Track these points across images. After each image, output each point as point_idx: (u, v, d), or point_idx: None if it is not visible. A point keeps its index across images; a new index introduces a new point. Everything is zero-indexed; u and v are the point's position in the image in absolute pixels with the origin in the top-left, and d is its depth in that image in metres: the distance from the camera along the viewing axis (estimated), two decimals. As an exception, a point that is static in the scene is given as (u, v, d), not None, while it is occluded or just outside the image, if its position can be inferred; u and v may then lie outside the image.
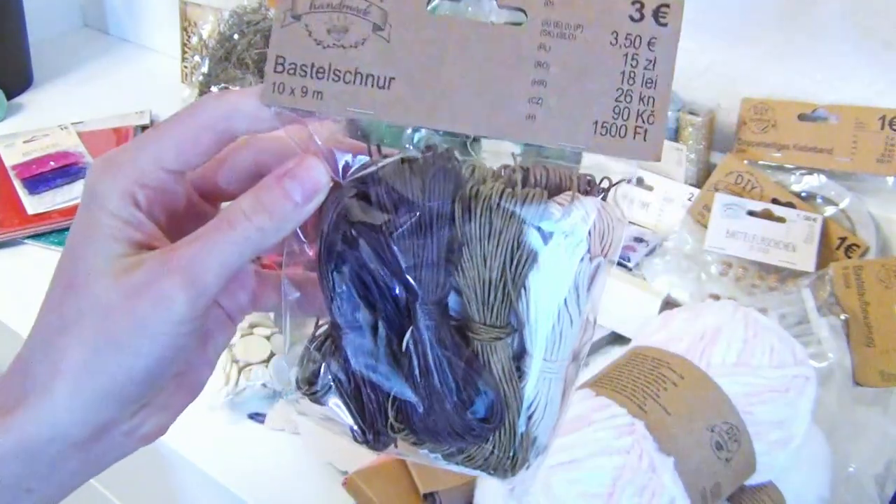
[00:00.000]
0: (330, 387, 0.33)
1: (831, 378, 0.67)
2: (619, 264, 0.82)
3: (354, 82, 0.30)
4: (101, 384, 0.31)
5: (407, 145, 0.32)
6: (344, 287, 0.32)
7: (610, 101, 0.29)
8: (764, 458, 0.51)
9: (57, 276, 0.32)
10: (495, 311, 0.31)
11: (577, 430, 0.48)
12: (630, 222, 0.90)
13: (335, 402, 0.33)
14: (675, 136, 0.87)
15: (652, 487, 0.46)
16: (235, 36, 1.17)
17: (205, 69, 1.18)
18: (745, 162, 0.84)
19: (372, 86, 0.30)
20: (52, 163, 1.09)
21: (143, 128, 1.20)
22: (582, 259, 0.31)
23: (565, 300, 0.31)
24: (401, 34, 0.30)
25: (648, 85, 0.29)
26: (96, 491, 1.02)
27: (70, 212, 1.00)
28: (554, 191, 0.32)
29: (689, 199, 0.86)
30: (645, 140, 0.29)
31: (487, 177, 0.32)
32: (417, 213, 0.30)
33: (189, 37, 1.27)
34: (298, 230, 0.33)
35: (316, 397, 0.33)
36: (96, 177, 0.32)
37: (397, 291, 0.31)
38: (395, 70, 0.30)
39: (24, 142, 1.14)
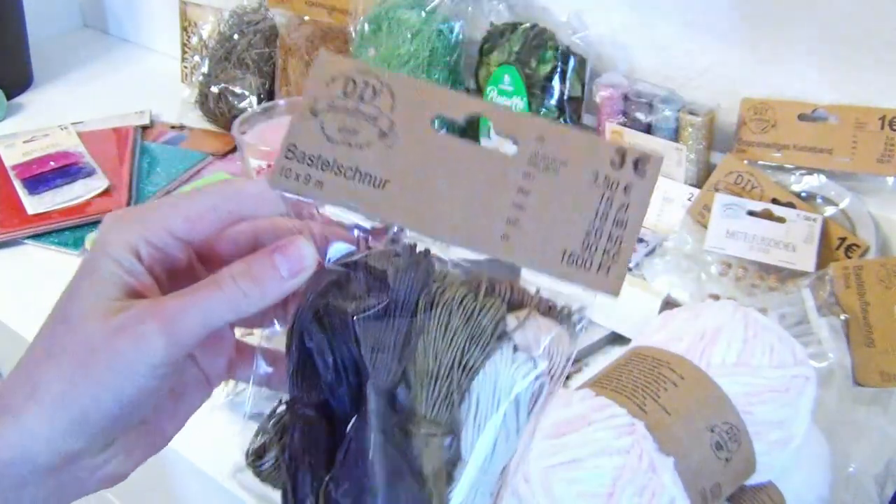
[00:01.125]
0: (274, 464, 0.35)
1: (831, 378, 0.67)
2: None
3: (354, 178, 0.32)
4: (73, 414, 0.32)
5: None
6: (305, 364, 0.34)
7: (581, 235, 0.31)
8: (764, 458, 0.51)
9: (54, 309, 0.35)
10: (437, 406, 0.32)
11: (577, 430, 0.48)
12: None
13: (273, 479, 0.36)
14: (675, 136, 0.87)
15: (652, 487, 0.46)
16: (235, 36, 1.17)
17: (205, 69, 1.18)
18: (745, 162, 0.84)
19: (368, 184, 0.32)
20: (52, 163, 1.09)
21: (144, 128, 1.20)
22: (526, 375, 0.32)
23: (505, 413, 0.32)
24: (403, 143, 0.32)
25: (619, 226, 0.31)
26: (96, 491, 1.02)
27: (70, 212, 1.00)
28: (515, 306, 0.34)
29: (689, 199, 0.86)
30: (607, 275, 0.31)
31: (456, 283, 0.34)
32: (385, 299, 0.33)
33: (189, 37, 1.27)
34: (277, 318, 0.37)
35: (259, 471, 0.36)
36: (107, 227, 0.35)
37: (352, 378, 0.33)
38: (392, 174, 0.32)
39: (24, 142, 1.14)
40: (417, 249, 0.34)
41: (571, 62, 0.91)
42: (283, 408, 0.37)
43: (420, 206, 0.32)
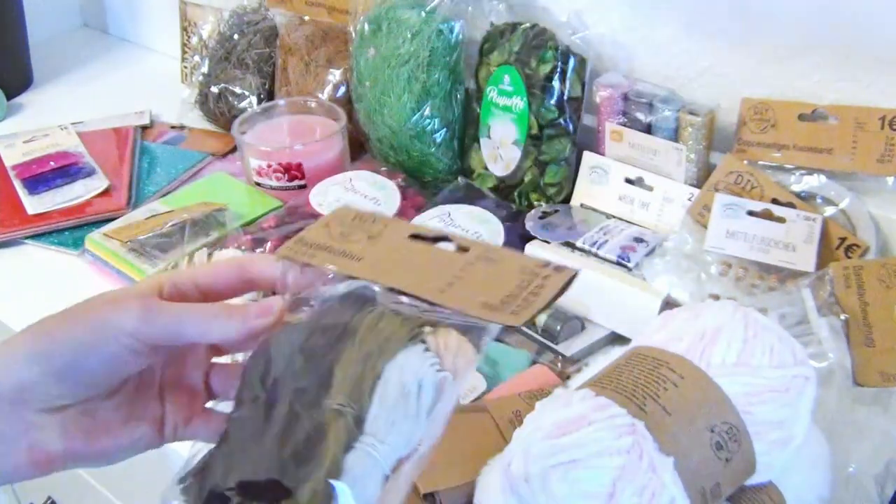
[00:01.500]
0: (197, 471, 0.41)
1: (831, 378, 0.67)
2: (619, 264, 0.82)
3: (338, 255, 0.42)
4: (40, 346, 0.39)
5: None
6: (251, 382, 0.41)
7: (501, 297, 0.38)
8: (764, 458, 0.51)
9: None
10: (351, 382, 0.38)
11: (577, 430, 0.48)
12: (630, 222, 0.90)
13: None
14: (675, 136, 0.87)
15: (652, 487, 0.46)
16: (235, 36, 1.17)
17: (205, 69, 1.18)
18: (745, 162, 0.84)
19: (347, 257, 0.42)
20: (52, 163, 1.09)
21: (144, 128, 1.20)
22: (431, 366, 0.38)
23: (408, 393, 0.38)
24: (384, 242, 0.43)
25: (535, 293, 0.37)
26: (96, 490, 1.02)
27: (70, 212, 1.00)
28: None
29: (689, 199, 0.86)
30: (516, 315, 0.37)
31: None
32: (328, 304, 0.41)
33: (189, 37, 1.27)
34: None
35: (182, 483, 0.41)
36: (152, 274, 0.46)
37: (288, 382, 0.39)
38: (367, 255, 0.42)
39: (24, 142, 1.14)
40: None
41: (571, 62, 0.91)
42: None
43: (382, 271, 0.41)
